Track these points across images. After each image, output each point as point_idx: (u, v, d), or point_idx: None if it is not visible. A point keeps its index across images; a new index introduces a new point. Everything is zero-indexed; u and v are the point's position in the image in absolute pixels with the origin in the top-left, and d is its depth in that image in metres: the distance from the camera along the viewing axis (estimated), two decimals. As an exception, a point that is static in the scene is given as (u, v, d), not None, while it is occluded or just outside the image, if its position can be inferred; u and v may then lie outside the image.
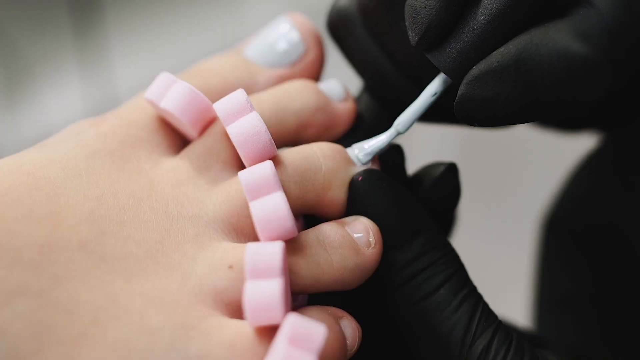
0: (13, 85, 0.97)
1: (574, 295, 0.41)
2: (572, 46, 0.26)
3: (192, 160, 0.30)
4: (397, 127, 0.31)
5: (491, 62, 0.27)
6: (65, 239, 0.27)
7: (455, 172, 0.32)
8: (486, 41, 0.28)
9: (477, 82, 0.28)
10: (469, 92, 0.28)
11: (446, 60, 0.29)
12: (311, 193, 0.29)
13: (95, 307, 0.26)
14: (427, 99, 0.30)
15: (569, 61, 0.26)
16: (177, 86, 0.30)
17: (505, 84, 0.27)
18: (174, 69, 0.34)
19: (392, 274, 0.29)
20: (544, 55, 0.26)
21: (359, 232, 0.29)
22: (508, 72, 0.27)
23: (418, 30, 0.29)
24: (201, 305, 0.27)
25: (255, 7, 1.02)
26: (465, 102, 0.28)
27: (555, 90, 0.27)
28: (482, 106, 0.28)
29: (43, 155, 0.29)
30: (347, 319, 0.29)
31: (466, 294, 0.29)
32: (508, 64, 0.27)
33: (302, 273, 0.28)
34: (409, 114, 0.30)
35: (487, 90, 0.27)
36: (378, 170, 0.30)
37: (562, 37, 0.26)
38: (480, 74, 0.28)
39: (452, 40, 0.29)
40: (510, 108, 0.28)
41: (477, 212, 0.87)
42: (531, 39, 0.27)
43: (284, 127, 0.31)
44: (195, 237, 0.28)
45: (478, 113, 0.28)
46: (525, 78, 0.27)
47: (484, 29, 0.28)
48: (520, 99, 0.27)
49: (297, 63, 0.33)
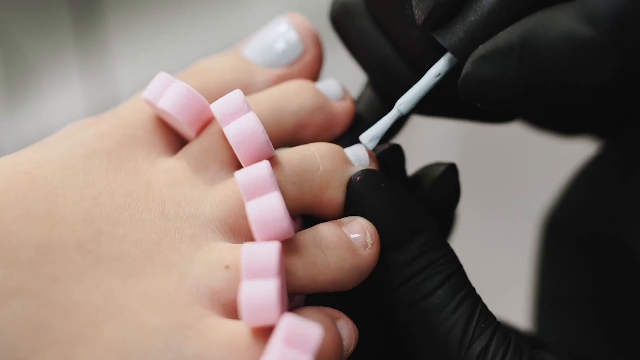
0: (14, 85, 0.98)
1: (574, 296, 0.41)
2: (578, 29, 0.26)
3: (190, 161, 0.30)
4: (399, 108, 0.31)
5: (497, 41, 0.27)
6: (62, 239, 0.27)
7: (455, 172, 0.32)
8: (493, 21, 0.28)
9: (482, 61, 0.28)
10: (474, 71, 0.28)
11: (452, 39, 0.29)
12: (308, 193, 0.29)
13: (92, 306, 0.26)
14: (431, 80, 0.30)
15: (574, 43, 0.26)
16: (174, 86, 0.30)
17: (511, 64, 0.27)
18: (174, 69, 0.34)
19: (390, 274, 0.29)
20: (550, 36, 0.26)
21: (356, 233, 0.29)
22: (514, 52, 0.27)
23: (425, 9, 0.29)
24: (198, 306, 0.27)
25: (255, 7, 1.02)
26: (470, 80, 0.28)
27: (560, 72, 0.27)
28: (486, 85, 0.28)
29: (40, 154, 0.29)
30: (343, 320, 0.28)
31: (465, 295, 0.29)
32: (514, 44, 0.27)
33: (299, 273, 0.28)
34: (412, 94, 0.30)
35: (492, 69, 0.27)
36: (376, 170, 0.30)
37: (568, 20, 0.26)
38: (486, 53, 0.27)
39: (459, 20, 0.28)
40: (514, 89, 0.27)
41: (478, 212, 0.87)
42: (538, 20, 0.27)
43: (282, 127, 0.31)
44: (192, 237, 0.28)
45: (482, 92, 0.28)
46: (531, 59, 0.27)
47: (492, 9, 0.28)
48: (525, 79, 0.27)
49: (295, 63, 0.33)
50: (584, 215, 0.40)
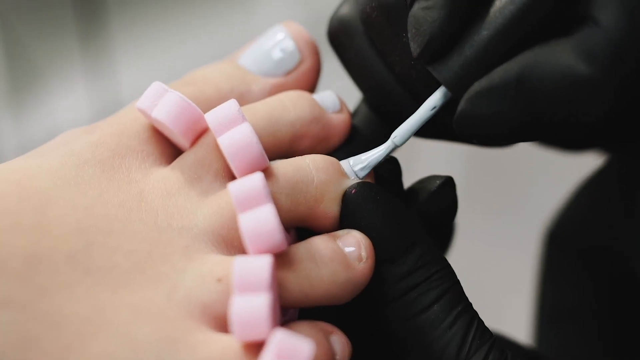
0: (19, 89, 0.98)
1: (575, 308, 0.41)
2: (576, 65, 0.26)
3: (183, 171, 0.29)
4: (394, 140, 0.30)
5: (493, 78, 0.27)
6: (52, 250, 0.26)
7: (452, 186, 0.32)
8: (489, 56, 0.28)
9: (478, 99, 0.27)
10: (469, 109, 0.28)
11: (447, 73, 0.28)
12: (303, 205, 0.29)
13: (81, 319, 0.26)
14: (426, 113, 0.30)
15: (572, 81, 0.26)
16: (168, 96, 0.29)
17: (507, 102, 0.27)
18: (178, 73, 0.33)
19: (385, 289, 0.29)
20: (547, 73, 0.26)
21: (350, 246, 0.28)
22: (510, 90, 0.27)
23: (420, 42, 0.28)
24: (188, 319, 0.26)
25: (261, 12, 1.02)
26: (465, 118, 0.28)
27: (557, 110, 0.26)
28: (482, 123, 0.28)
29: (32, 163, 0.29)
30: (336, 335, 0.28)
31: (461, 311, 0.28)
32: (510, 81, 0.27)
33: (291, 287, 0.27)
34: (407, 127, 0.30)
35: (487, 107, 0.27)
36: (372, 183, 0.30)
37: (566, 56, 0.26)
38: (482, 90, 0.27)
39: (455, 54, 0.28)
40: (510, 126, 0.27)
41: (482, 220, 0.87)
42: (535, 57, 0.27)
43: (278, 138, 0.30)
44: (184, 249, 0.28)
45: (477, 130, 0.28)
46: (527, 96, 0.27)
47: (488, 44, 0.28)
48: (520, 117, 0.27)
49: (292, 72, 0.33)
50: (586, 228, 0.39)
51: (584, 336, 0.41)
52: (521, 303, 0.65)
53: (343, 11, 0.33)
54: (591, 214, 0.39)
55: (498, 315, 0.77)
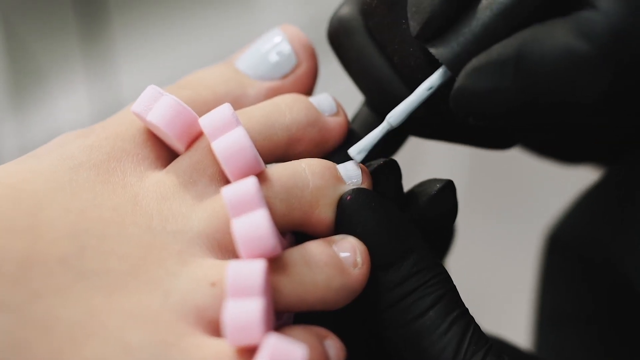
0: (21, 90, 0.98)
1: (574, 313, 0.41)
2: (575, 43, 0.26)
3: (178, 175, 0.29)
4: (389, 120, 0.30)
5: (492, 54, 0.27)
6: (45, 253, 0.26)
7: (452, 189, 0.32)
8: (488, 35, 0.28)
9: (475, 74, 0.27)
10: (466, 84, 0.27)
11: (446, 51, 0.28)
12: (298, 210, 0.29)
13: (73, 323, 0.26)
14: (423, 93, 0.30)
15: (570, 58, 0.26)
16: (163, 99, 0.29)
17: (505, 78, 0.27)
18: (179, 74, 0.33)
19: (381, 295, 0.29)
20: (545, 50, 0.26)
21: (346, 252, 0.28)
22: (508, 66, 0.27)
23: (420, 20, 0.28)
24: (182, 323, 0.26)
25: (262, 14, 1.02)
26: (462, 93, 0.28)
27: (554, 87, 0.26)
28: (479, 99, 0.27)
29: (27, 167, 0.28)
30: (331, 339, 0.28)
31: (456, 317, 0.28)
32: (509, 58, 0.27)
33: (285, 292, 0.27)
34: (403, 107, 0.30)
35: (485, 82, 0.27)
36: (367, 189, 0.29)
37: (564, 34, 0.26)
38: (480, 66, 0.27)
39: (454, 33, 0.28)
40: (507, 103, 0.27)
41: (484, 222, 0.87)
42: (534, 34, 0.27)
43: (273, 142, 0.30)
44: (178, 253, 0.28)
45: (474, 106, 0.28)
46: (525, 73, 0.26)
47: (488, 23, 0.28)
48: (518, 94, 0.27)
49: (288, 75, 0.33)
50: (584, 236, 0.39)
51: (583, 340, 0.41)
52: (522, 306, 0.64)
53: (343, 12, 0.33)
54: (589, 225, 0.39)
55: (499, 318, 0.77)
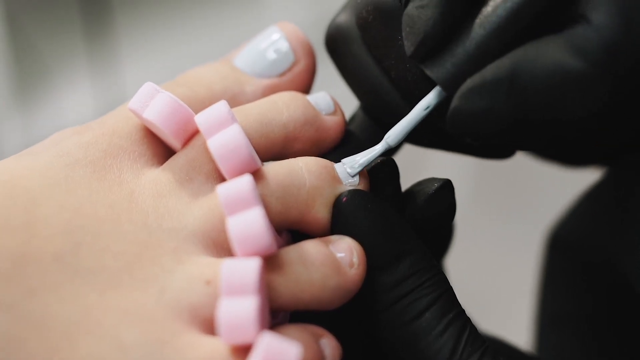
0: (27, 87, 0.98)
1: (574, 313, 0.40)
2: (567, 61, 0.26)
3: (174, 172, 0.29)
4: (387, 140, 0.30)
5: (485, 75, 0.27)
6: (40, 250, 0.26)
7: (450, 189, 0.32)
8: (483, 55, 0.28)
9: (470, 95, 0.27)
10: (461, 105, 0.28)
11: (440, 71, 0.28)
12: (294, 209, 0.29)
13: (68, 320, 0.26)
14: (420, 113, 0.30)
15: (563, 76, 0.26)
16: (160, 96, 0.29)
17: (499, 98, 0.27)
18: (182, 70, 0.33)
19: (377, 296, 0.29)
20: (538, 69, 0.26)
21: (342, 252, 0.28)
22: (502, 86, 0.27)
23: (414, 40, 0.28)
24: (177, 321, 0.26)
25: (267, 12, 1.02)
26: (458, 114, 0.28)
27: (549, 105, 0.26)
28: (474, 120, 0.27)
29: (23, 164, 0.28)
30: (327, 338, 0.28)
31: (452, 318, 0.28)
32: (502, 78, 0.27)
33: (281, 290, 0.27)
34: (400, 128, 0.30)
35: (480, 103, 0.27)
36: (363, 190, 0.29)
37: (557, 52, 0.26)
38: (474, 87, 0.27)
39: (448, 52, 0.28)
40: (502, 122, 0.27)
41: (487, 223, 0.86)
42: (526, 53, 0.27)
43: (270, 139, 0.30)
44: (173, 250, 0.27)
45: (470, 127, 0.28)
46: (519, 92, 0.27)
47: (481, 43, 0.28)
48: (512, 113, 0.27)
49: (286, 73, 0.33)
50: (585, 237, 0.39)
51: (584, 341, 0.41)
52: (525, 306, 0.64)
53: (340, 19, 0.33)
54: (590, 226, 0.39)
55: (501, 318, 0.76)
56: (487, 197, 0.88)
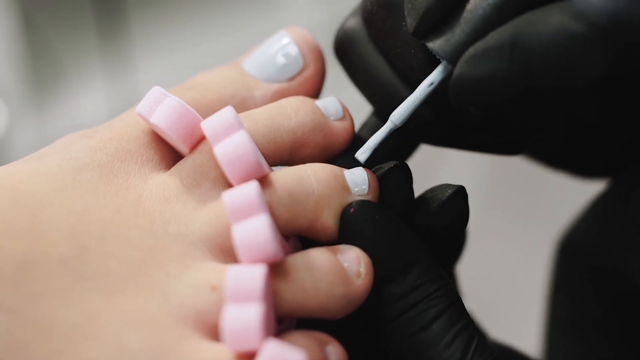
0: (42, 86, 0.98)
1: (584, 321, 0.40)
2: (569, 24, 0.26)
3: (182, 177, 0.29)
4: (392, 119, 0.30)
5: (488, 41, 0.27)
6: (45, 254, 0.26)
7: (464, 195, 0.31)
8: (484, 26, 0.28)
9: (472, 61, 0.27)
10: (464, 72, 0.27)
11: (443, 44, 0.29)
12: (302, 217, 0.28)
13: (71, 324, 0.26)
14: (424, 90, 0.30)
15: (565, 39, 0.26)
16: (167, 101, 0.29)
17: (502, 63, 0.27)
18: (196, 72, 0.33)
19: (384, 307, 0.28)
20: (540, 32, 0.26)
21: (349, 261, 0.28)
22: (504, 50, 0.27)
23: (415, 16, 0.29)
24: (181, 327, 0.26)
25: (280, 12, 1.02)
26: (461, 82, 0.28)
27: (552, 69, 0.26)
28: (478, 86, 0.27)
29: (30, 167, 0.28)
30: (333, 345, 0.28)
31: (460, 329, 0.28)
32: (504, 42, 0.27)
33: (286, 297, 0.27)
34: (405, 106, 0.30)
35: (483, 69, 0.27)
36: (371, 201, 0.29)
37: (559, 17, 0.26)
38: (477, 53, 0.27)
39: (450, 26, 0.28)
40: (506, 89, 0.27)
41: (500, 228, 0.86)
42: (528, 19, 0.27)
43: (278, 145, 0.30)
44: (179, 256, 0.27)
45: (474, 94, 0.28)
46: (522, 56, 0.26)
47: (483, 15, 0.28)
48: (516, 78, 0.27)
49: (295, 78, 0.32)
50: (594, 243, 0.39)
51: (593, 348, 0.41)
52: (536, 312, 0.64)
53: (348, 24, 0.33)
54: (599, 233, 0.39)
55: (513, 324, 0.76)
56: (500, 202, 0.88)
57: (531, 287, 0.71)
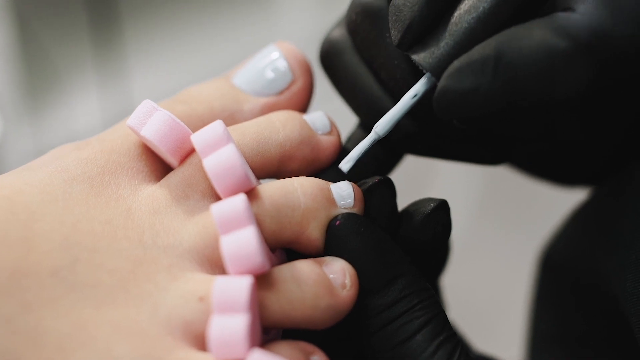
0: (37, 94, 0.99)
1: (566, 334, 0.40)
2: (552, 39, 0.26)
3: (171, 189, 0.30)
4: (376, 130, 0.31)
5: (472, 54, 0.27)
6: (37, 265, 0.27)
7: (446, 209, 0.32)
8: (469, 39, 0.28)
9: (457, 75, 0.28)
10: (448, 85, 0.28)
11: (427, 57, 0.29)
12: (288, 230, 0.29)
13: (62, 334, 0.26)
14: (408, 102, 0.30)
15: (548, 54, 0.26)
16: (157, 114, 0.30)
17: (486, 76, 0.27)
18: (190, 80, 0.34)
19: (369, 318, 0.29)
20: (524, 47, 0.27)
21: (335, 273, 0.28)
22: (488, 65, 0.27)
23: (400, 28, 0.29)
24: (169, 337, 0.27)
25: (274, 21, 1.02)
26: (445, 94, 0.28)
27: (534, 84, 0.27)
28: (461, 99, 0.28)
29: (22, 179, 0.29)
30: (317, 355, 0.28)
31: (443, 340, 0.28)
32: (488, 56, 0.27)
33: (273, 308, 0.28)
34: (389, 117, 0.30)
35: (466, 82, 0.27)
36: (357, 215, 0.30)
37: (542, 32, 0.26)
38: (461, 66, 0.27)
39: (434, 39, 0.29)
40: (490, 102, 0.27)
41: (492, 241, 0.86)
42: (512, 33, 0.27)
43: (266, 158, 0.31)
44: (168, 267, 0.28)
45: (457, 107, 0.28)
46: (506, 70, 0.27)
47: (467, 28, 0.28)
48: (500, 92, 0.27)
49: (284, 92, 0.33)
50: (575, 255, 0.39)
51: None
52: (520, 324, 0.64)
53: (333, 34, 0.33)
54: (579, 245, 0.39)
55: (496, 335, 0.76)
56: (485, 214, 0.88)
57: (515, 299, 0.72)
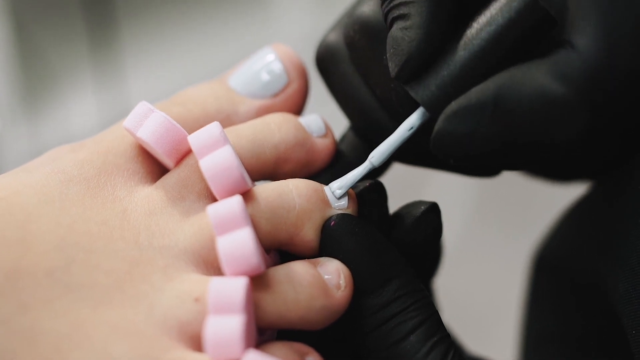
0: (33, 95, 0.99)
1: (560, 335, 0.41)
2: (551, 86, 0.26)
3: (167, 190, 0.30)
4: (371, 160, 0.31)
5: (470, 98, 0.28)
6: (33, 266, 0.27)
7: (436, 212, 0.32)
8: (466, 77, 0.28)
9: (455, 118, 0.28)
10: (446, 127, 0.28)
11: (424, 93, 0.29)
12: (283, 231, 0.29)
13: (59, 334, 0.26)
14: (404, 133, 0.30)
15: (547, 101, 0.26)
16: (153, 116, 0.30)
17: (483, 121, 0.27)
18: (187, 82, 0.34)
19: (363, 319, 0.29)
20: (522, 94, 0.27)
21: (329, 274, 0.29)
22: (486, 109, 0.27)
23: (398, 61, 0.29)
24: (165, 337, 0.27)
25: (271, 23, 1.02)
26: (442, 137, 0.28)
27: (532, 130, 0.27)
28: (458, 142, 0.28)
29: (18, 180, 0.29)
30: (312, 356, 0.28)
31: (437, 341, 0.29)
32: (487, 101, 0.27)
33: (267, 309, 0.28)
34: (384, 148, 0.30)
35: (464, 126, 0.28)
36: (351, 215, 0.30)
37: (541, 77, 0.27)
38: (459, 109, 0.28)
39: (432, 74, 0.29)
40: (486, 145, 0.28)
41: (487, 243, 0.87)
42: (511, 77, 0.27)
43: (261, 160, 0.31)
44: (164, 268, 0.28)
45: (454, 149, 0.28)
46: (503, 116, 0.27)
47: (465, 65, 0.28)
48: (497, 136, 0.27)
49: (279, 94, 0.33)
50: (569, 256, 0.39)
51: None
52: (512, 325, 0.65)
53: (330, 38, 0.33)
54: (574, 245, 0.39)
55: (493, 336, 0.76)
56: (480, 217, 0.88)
57: (510, 302, 0.72)
